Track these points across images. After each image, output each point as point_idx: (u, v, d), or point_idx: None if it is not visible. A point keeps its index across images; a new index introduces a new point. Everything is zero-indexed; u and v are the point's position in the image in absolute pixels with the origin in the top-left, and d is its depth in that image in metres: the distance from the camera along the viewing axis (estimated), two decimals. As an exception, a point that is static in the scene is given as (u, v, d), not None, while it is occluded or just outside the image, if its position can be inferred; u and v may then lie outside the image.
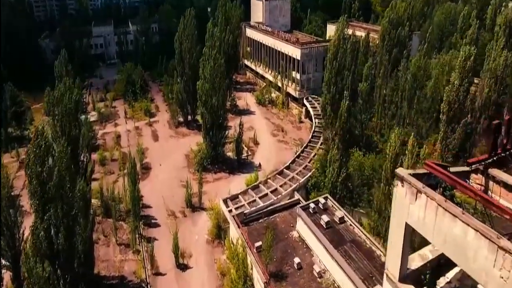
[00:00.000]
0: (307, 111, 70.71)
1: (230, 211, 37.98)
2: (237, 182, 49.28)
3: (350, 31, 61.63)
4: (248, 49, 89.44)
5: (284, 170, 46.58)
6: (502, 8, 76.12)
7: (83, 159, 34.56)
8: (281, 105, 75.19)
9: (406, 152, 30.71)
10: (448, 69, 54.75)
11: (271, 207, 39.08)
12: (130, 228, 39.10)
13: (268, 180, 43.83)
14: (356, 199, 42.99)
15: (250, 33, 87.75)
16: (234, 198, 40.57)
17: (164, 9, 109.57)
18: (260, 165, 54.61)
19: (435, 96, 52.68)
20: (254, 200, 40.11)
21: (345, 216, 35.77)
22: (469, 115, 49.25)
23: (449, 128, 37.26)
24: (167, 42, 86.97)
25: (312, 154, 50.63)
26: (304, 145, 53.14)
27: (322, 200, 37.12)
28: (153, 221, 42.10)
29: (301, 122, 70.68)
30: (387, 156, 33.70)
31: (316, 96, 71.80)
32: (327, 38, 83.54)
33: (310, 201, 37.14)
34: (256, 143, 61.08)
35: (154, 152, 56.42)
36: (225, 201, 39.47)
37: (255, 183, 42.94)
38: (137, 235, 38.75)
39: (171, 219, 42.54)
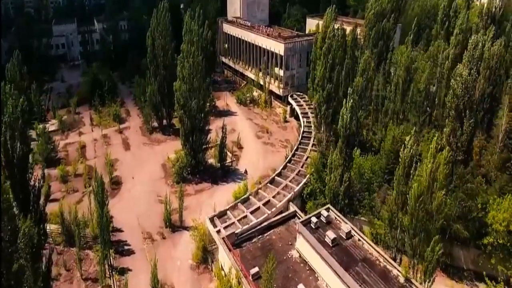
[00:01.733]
0: (292, 110, 66.20)
1: (218, 231, 32.48)
2: (222, 193, 43.68)
3: (337, 25, 58.17)
4: (226, 45, 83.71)
5: (276, 177, 41.45)
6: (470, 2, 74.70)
7: (34, 183, 27.80)
8: (263, 104, 70.19)
9: (428, 155, 26.28)
10: (441, 60, 52.00)
11: (265, 223, 33.90)
12: (98, 258, 32.60)
13: (259, 191, 38.52)
14: (356, 206, 38.48)
15: (227, 28, 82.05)
16: (222, 215, 35.03)
17: (134, 5, 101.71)
18: (246, 171, 49.26)
19: (428, 89, 49.75)
20: (245, 216, 34.76)
21: (352, 230, 31.10)
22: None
23: (457, 124, 33.36)
24: (138, 40, 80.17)
25: (304, 158, 45.76)
26: (295, 147, 48.14)
27: (324, 213, 32.24)
28: (126, 247, 35.71)
29: (286, 121, 65.99)
30: (400, 159, 29.14)
31: (301, 93, 67.58)
32: (306, 32, 79.66)
33: (311, 214, 32.17)
34: (240, 147, 55.69)
35: (126, 163, 49.65)
36: (211, 219, 33.89)
37: (245, 196, 37.49)
38: (106, 267, 32.34)
39: (147, 243, 36.36)
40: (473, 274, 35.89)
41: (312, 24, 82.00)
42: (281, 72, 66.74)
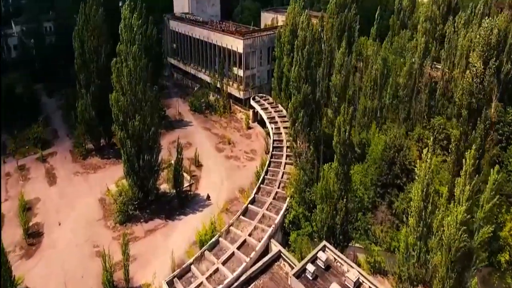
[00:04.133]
0: (255, 114, 58.19)
1: (180, 301, 23.20)
2: (181, 232, 34.29)
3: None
4: (174, 45, 73.33)
5: (249, 206, 32.79)
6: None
7: None
8: (222, 109, 61.35)
9: (463, 172, 19.40)
10: (411, 50, 47.93)
11: (244, 276, 25.18)
12: None
13: (231, 228, 29.60)
14: (349, 231, 31.09)
15: (175, 25, 71.72)
16: (184, 273, 25.64)
17: (62, 3, 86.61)
18: (208, 197, 40.15)
19: (409, 83, 44.82)
20: (217, 270, 25.71)
21: (360, 276, 23.50)
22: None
23: (469, 125, 27.33)
24: (68, 44, 67.52)
25: (280, 175, 37.67)
26: (267, 163, 39.79)
27: (321, 255, 24.32)
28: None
29: (249, 128, 57.84)
30: (417, 178, 21.99)
31: (264, 95, 59.75)
32: (262, 27, 72.23)
33: (306, 260, 24.09)
34: (199, 165, 46.36)
35: (50, 203, 37.78)
36: (170, 283, 24.41)
37: (213, 239, 28.34)
38: None
39: (80, 325, 26.02)
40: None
41: (267, 18, 74.87)
42: (241, 72, 58.28)
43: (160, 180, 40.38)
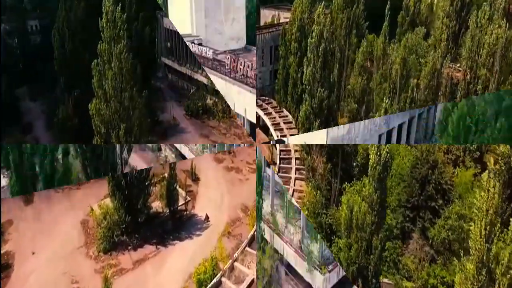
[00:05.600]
0: (257, 118, 53.44)
1: None
2: (176, 262, 29.26)
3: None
4: (168, 44, 68.40)
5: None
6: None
7: None
8: (221, 114, 56.42)
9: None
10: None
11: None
12: None
13: (235, 264, 24.73)
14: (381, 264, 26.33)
15: (169, 23, 66.76)
16: (177, 327, 20.79)
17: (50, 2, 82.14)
18: (207, 217, 35.32)
19: (430, 85, 40.75)
20: (218, 323, 20.88)
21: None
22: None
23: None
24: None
25: (290, 193, 32.87)
26: (274, 178, 34.94)
27: (349, 306, 19.52)
28: None
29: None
30: (476, 212, 17.19)
31: (267, 98, 55.05)
32: (261, 24, 67.79)
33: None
34: (196, 179, 41.63)
35: (24, 226, 32.63)
36: None
37: (214, 279, 23.44)
38: None
39: None
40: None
41: (267, 16, 70.44)
42: (241, 73, 53.57)
43: (152, 197, 35.48)
